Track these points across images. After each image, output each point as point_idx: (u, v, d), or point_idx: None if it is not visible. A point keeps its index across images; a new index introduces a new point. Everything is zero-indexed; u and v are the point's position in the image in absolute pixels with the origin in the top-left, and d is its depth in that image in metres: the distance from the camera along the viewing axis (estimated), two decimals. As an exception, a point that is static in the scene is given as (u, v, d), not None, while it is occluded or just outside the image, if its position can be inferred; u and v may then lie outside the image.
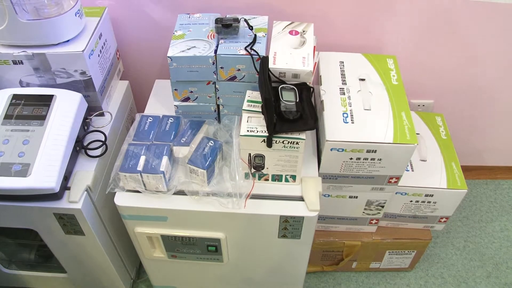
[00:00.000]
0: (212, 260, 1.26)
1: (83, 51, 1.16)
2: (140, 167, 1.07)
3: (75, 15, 1.18)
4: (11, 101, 1.18)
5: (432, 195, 1.34)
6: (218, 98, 1.17)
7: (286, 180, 1.12)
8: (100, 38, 1.26)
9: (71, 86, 1.23)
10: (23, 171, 1.07)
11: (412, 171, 1.36)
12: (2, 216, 1.19)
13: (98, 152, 1.21)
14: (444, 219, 1.44)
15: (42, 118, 1.15)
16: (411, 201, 1.37)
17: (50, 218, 1.17)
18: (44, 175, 1.08)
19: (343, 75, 1.26)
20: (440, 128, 1.48)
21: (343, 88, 1.22)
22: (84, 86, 1.23)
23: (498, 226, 1.83)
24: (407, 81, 1.39)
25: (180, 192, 1.11)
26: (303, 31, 1.15)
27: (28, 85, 1.25)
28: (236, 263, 1.28)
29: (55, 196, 1.11)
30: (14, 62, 1.19)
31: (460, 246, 1.76)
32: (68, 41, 1.19)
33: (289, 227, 1.12)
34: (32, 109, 1.16)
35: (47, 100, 1.17)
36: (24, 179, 1.07)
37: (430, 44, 1.46)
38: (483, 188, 1.98)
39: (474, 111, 1.70)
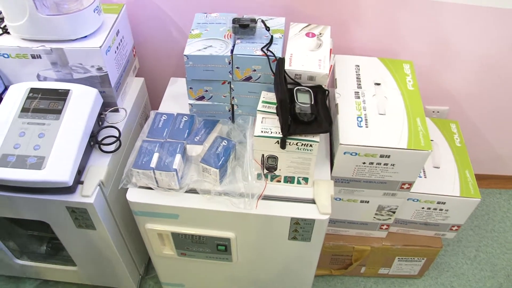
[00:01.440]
0: (221, 260, 1.26)
1: (100, 47, 1.17)
2: (153, 164, 1.08)
3: (94, 12, 1.19)
4: (28, 94, 1.19)
5: (444, 203, 1.33)
6: (233, 98, 1.17)
7: (298, 182, 1.12)
8: (117, 35, 1.27)
9: (87, 81, 1.24)
10: (38, 163, 1.08)
11: (425, 177, 1.35)
12: (16, 207, 1.21)
13: (112, 147, 1.22)
14: (455, 228, 1.42)
15: (58, 112, 1.16)
16: (422, 208, 1.36)
17: (62, 211, 1.18)
18: (58, 168, 1.09)
19: (358, 79, 1.26)
20: (455, 135, 1.47)
21: (358, 92, 1.22)
22: (100, 81, 1.24)
23: (510, 236, 1.81)
24: (422, 86, 1.38)
25: (192, 191, 1.11)
26: (320, 34, 1.15)
27: (45, 79, 1.26)
28: (245, 263, 1.28)
29: (68, 189, 1.12)
30: (33, 56, 1.20)
31: (471, 255, 1.75)
32: (86, 36, 1.20)
33: (300, 229, 1.11)
34: (48, 103, 1.17)
35: (63, 95, 1.19)
36: (38, 172, 1.08)
37: (447, 51, 1.45)
38: (496, 197, 1.95)
39: (489, 119, 1.68)
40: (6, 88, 1.28)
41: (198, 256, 1.25)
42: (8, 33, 1.21)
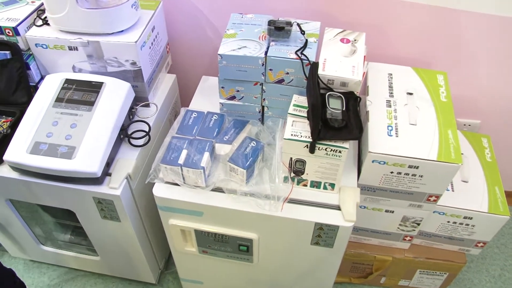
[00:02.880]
0: (242, 260, 1.26)
1: (136, 42, 1.19)
2: (181, 160, 1.08)
3: (131, 7, 1.21)
4: (63, 85, 1.22)
5: (471, 218, 1.30)
6: (264, 99, 1.18)
7: (325, 188, 1.11)
8: (152, 31, 1.29)
9: (120, 75, 1.26)
10: (69, 153, 1.11)
11: (453, 191, 1.32)
12: (45, 195, 1.23)
13: (141, 141, 1.24)
14: (481, 244, 1.39)
15: (91, 104, 1.18)
16: (448, 221, 1.33)
17: (89, 201, 1.20)
18: (88, 159, 1.11)
19: (390, 87, 1.25)
20: (486, 150, 1.44)
21: (390, 101, 1.21)
22: (133, 76, 1.26)
23: (537, 257, 1.77)
24: (455, 98, 1.36)
25: (218, 189, 1.12)
26: (355, 40, 1.14)
27: (80, 71, 1.29)
28: (266, 265, 1.28)
29: (96, 180, 1.14)
30: (70, 48, 1.23)
31: (496, 274, 1.71)
32: (122, 31, 1.22)
33: (323, 235, 1.11)
34: (82, 95, 1.20)
35: (97, 87, 1.21)
36: (68, 162, 1.10)
37: (482, 64, 1.42)
38: (525, 216, 1.91)
39: (522, 135, 1.65)
40: (42, 78, 1.31)
41: (219, 255, 1.26)
42: (48, 24, 1.23)
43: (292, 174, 1.10)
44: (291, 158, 1.05)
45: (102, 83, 1.21)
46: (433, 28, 1.35)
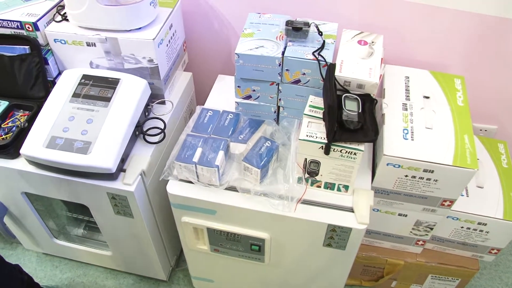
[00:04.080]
0: (254, 260, 1.26)
1: (153, 39, 1.19)
2: (195, 158, 1.09)
3: (150, 5, 1.22)
4: (80, 80, 1.23)
5: (485, 224, 1.29)
6: (280, 99, 1.17)
7: (339, 189, 1.11)
8: (170, 29, 1.29)
9: (137, 72, 1.27)
10: (84, 148, 1.12)
11: (467, 196, 1.31)
12: (60, 189, 1.24)
13: (156, 139, 1.24)
14: (495, 251, 1.38)
15: (107, 100, 1.19)
16: (462, 227, 1.32)
17: (103, 197, 1.21)
18: (103, 155, 1.12)
19: (407, 90, 1.24)
20: (502, 156, 1.42)
21: (406, 104, 1.20)
22: (150, 73, 1.27)
23: (551, 266, 1.74)
24: (472, 103, 1.34)
25: (232, 188, 1.12)
26: (372, 42, 1.14)
27: (97, 67, 1.30)
28: (277, 265, 1.28)
29: (110, 176, 1.15)
30: (88, 44, 1.24)
31: (509, 281, 1.68)
32: (140, 28, 1.23)
33: (336, 236, 1.10)
34: (98, 90, 1.20)
35: (113, 83, 1.22)
36: (84, 157, 1.11)
37: (501, 69, 1.40)
38: (539, 223, 1.88)
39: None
40: (60, 73, 1.32)
41: (230, 254, 1.26)
42: (67, 20, 1.25)
43: (306, 175, 1.09)
44: (306, 159, 1.05)
45: (119, 79, 1.22)
46: (451, 31, 1.34)
